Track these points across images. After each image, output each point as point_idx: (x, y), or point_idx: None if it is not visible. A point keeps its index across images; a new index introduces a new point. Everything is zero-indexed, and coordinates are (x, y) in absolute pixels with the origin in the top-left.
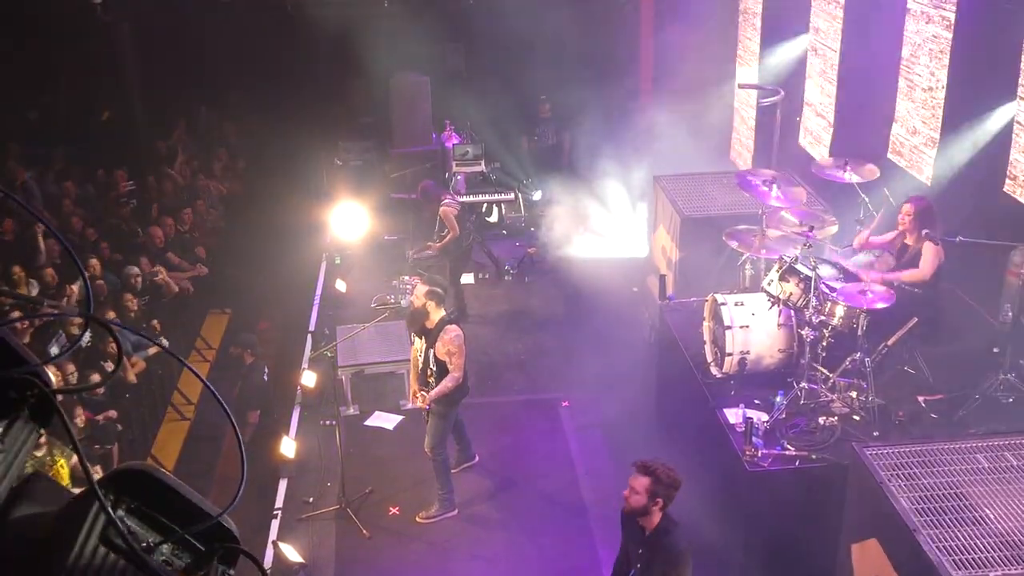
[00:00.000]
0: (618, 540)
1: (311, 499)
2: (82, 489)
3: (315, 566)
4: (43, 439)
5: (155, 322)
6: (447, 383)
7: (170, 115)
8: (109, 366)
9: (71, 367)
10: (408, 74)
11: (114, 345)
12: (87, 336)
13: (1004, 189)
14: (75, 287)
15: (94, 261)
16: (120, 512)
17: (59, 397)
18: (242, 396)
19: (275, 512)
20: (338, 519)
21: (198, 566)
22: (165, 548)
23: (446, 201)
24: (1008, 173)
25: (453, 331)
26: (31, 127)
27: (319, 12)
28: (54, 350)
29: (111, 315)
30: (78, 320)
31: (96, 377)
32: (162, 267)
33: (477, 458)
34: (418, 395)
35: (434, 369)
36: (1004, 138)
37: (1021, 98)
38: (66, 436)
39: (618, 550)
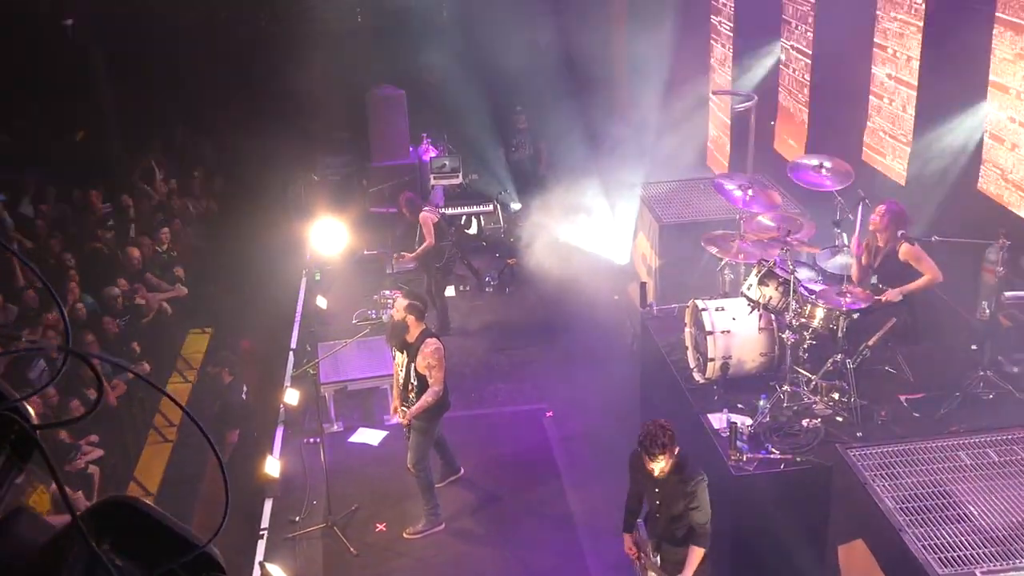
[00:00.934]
0: (605, 549)
1: (297, 518)
2: (65, 523)
3: None
4: None
5: (135, 344)
6: (427, 397)
7: (145, 135)
8: (91, 391)
9: (51, 391)
10: (384, 88)
11: (88, 372)
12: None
13: (978, 187)
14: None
15: (73, 285)
16: (104, 546)
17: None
18: (221, 415)
19: (261, 532)
20: (325, 537)
21: None
22: None
23: (426, 209)
24: (981, 172)
25: (433, 344)
26: (2, 151)
27: (294, 28)
28: (32, 375)
29: (90, 338)
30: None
31: (76, 403)
32: (143, 287)
33: (462, 471)
34: (399, 410)
35: (415, 384)
36: (977, 134)
37: (1001, 92)
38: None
39: (627, 494)
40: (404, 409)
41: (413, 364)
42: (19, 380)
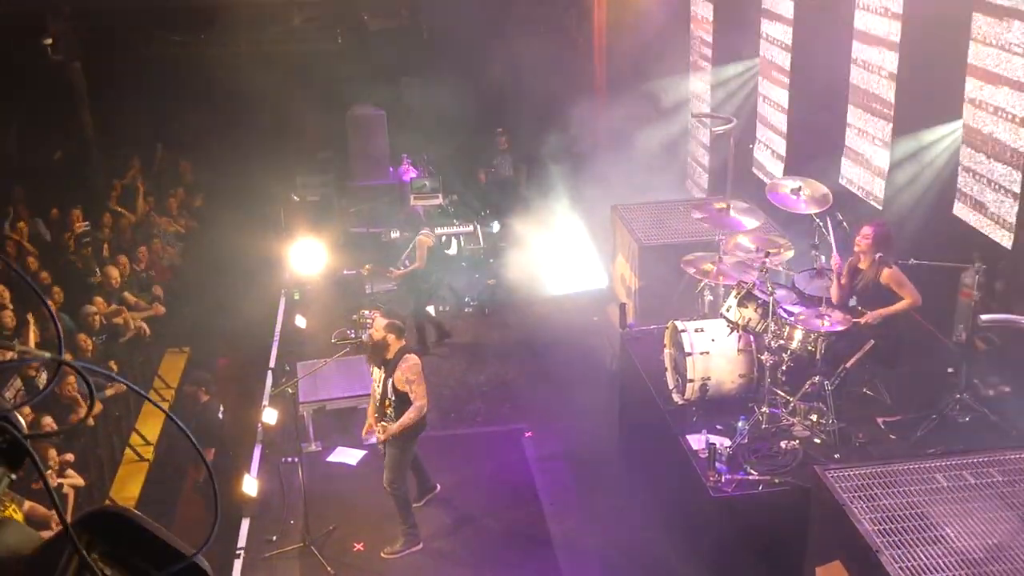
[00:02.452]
0: (583, 570)
1: (274, 537)
2: (53, 533)
3: None
4: None
5: (112, 363)
6: (411, 414)
7: (124, 153)
8: (70, 412)
9: (27, 411)
10: (364, 108)
11: (70, 389)
12: (43, 376)
13: (953, 212)
14: (31, 331)
15: (50, 303)
16: (94, 555)
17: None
18: (197, 435)
19: (238, 552)
20: (302, 557)
21: None
22: None
23: (424, 232)
24: (956, 195)
25: (411, 359)
26: None
27: (274, 48)
28: (8, 394)
29: (68, 357)
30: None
31: (49, 419)
32: (123, 307)
33: (439, 487)
34: (374, 427)
35: (393, 399)
36: (952, 160)
37: (979, 103)
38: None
39: None
40: (384, 425)
41: (391, 380)
42: None
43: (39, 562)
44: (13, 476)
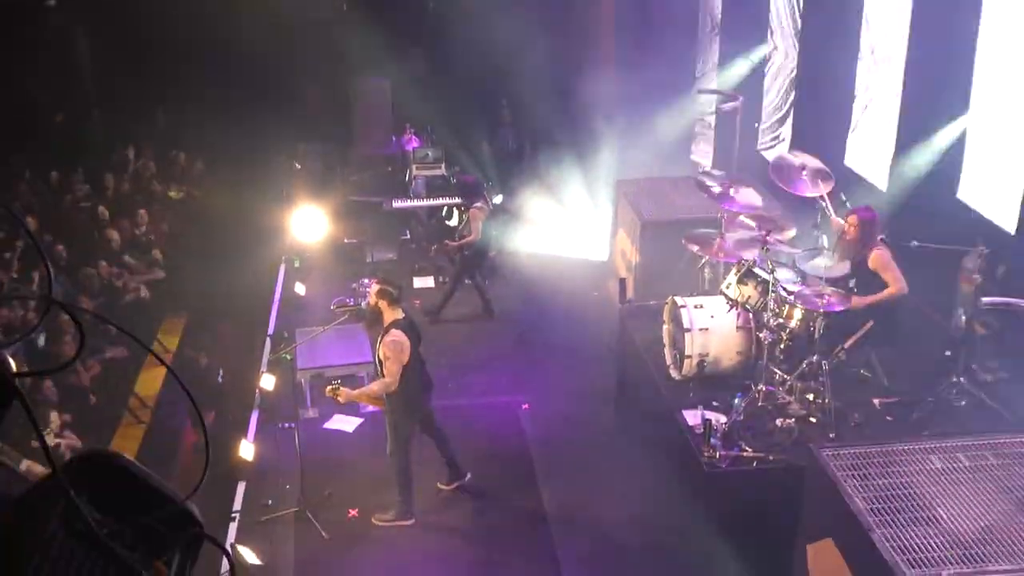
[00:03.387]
0: (577, 543)
1: (269, 501)
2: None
3: (274, 569)
4: None
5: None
6: (374, 386)
7: (125, 117)
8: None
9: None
10: (369, 77)
11: (68, 347)
12: (42, 338)
13: (957, 196)
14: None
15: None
16: (83, 498)
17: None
18: (196, 398)
19: (233, 515)
20: (297, 521)
21: (162, 552)
22: (128, 534)
23: (478, 204)
24: (962, 180)
25: (393, 335)
26: None
27: (280, 15)
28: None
29: (65, 318)
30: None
31: (48, 381)
32: (125, 270)
33: (469, 476)
34: (333, 387)
35: (378, 368)
36: (958, 146)
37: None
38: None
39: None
40: (336, 384)
41: (379, 350)
42: None
43: (26, 505)
44: (2, 416)
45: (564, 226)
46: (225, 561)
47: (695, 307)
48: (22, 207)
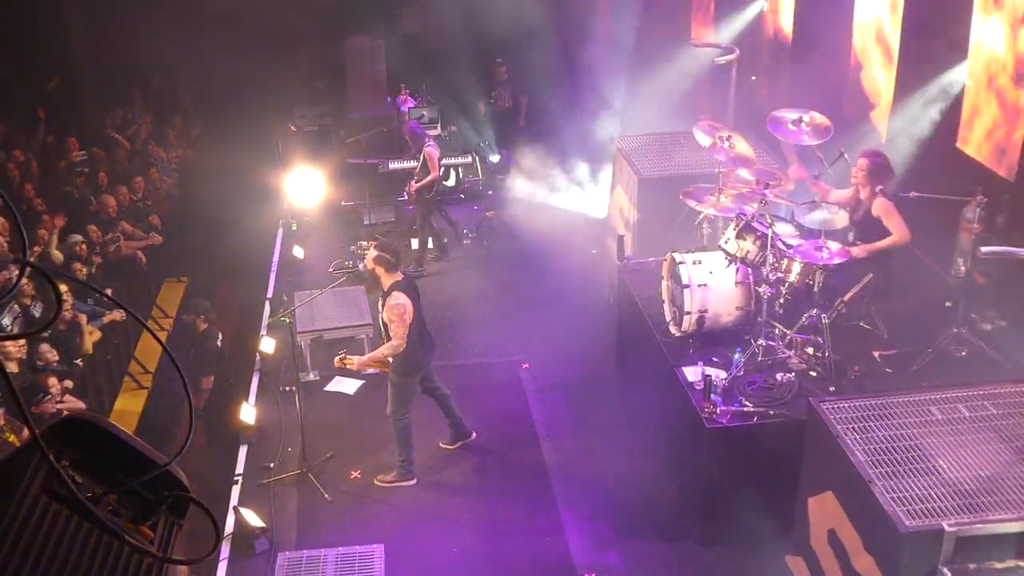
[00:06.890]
0: (579, 501)
1: (272, 464)
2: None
3: (277, 530)
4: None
5: (108, 291)
6: (383, 350)
7: (120, 81)
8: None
9: (22, 342)
10: (362, 37)
11: (65, 317)
12: (39, 307)
13: (956, 145)
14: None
15: (42, 232)
16: (64, 462)
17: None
18: (196, 362)
19: (236, 478)
20: (299, 484)
21: (146, 516)
22: (111, 498)
23: (429, 144)
24: (960, 130)
25: (396, 298)
26: None
27: None
28: (6, 320)
29: (63, 288)
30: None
31: (47, 347)
32: (120, 234)
33: (474, 435)
34: (341, 357)
35: (383, 331)
36: (957, 96)
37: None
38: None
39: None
40: (344, 353)
41: (382, 313)
42: None
43: (6, 468)
44: None
45: (561, 184)
46: (232, 522)
47: (694, 263)
48: (19, 173)
